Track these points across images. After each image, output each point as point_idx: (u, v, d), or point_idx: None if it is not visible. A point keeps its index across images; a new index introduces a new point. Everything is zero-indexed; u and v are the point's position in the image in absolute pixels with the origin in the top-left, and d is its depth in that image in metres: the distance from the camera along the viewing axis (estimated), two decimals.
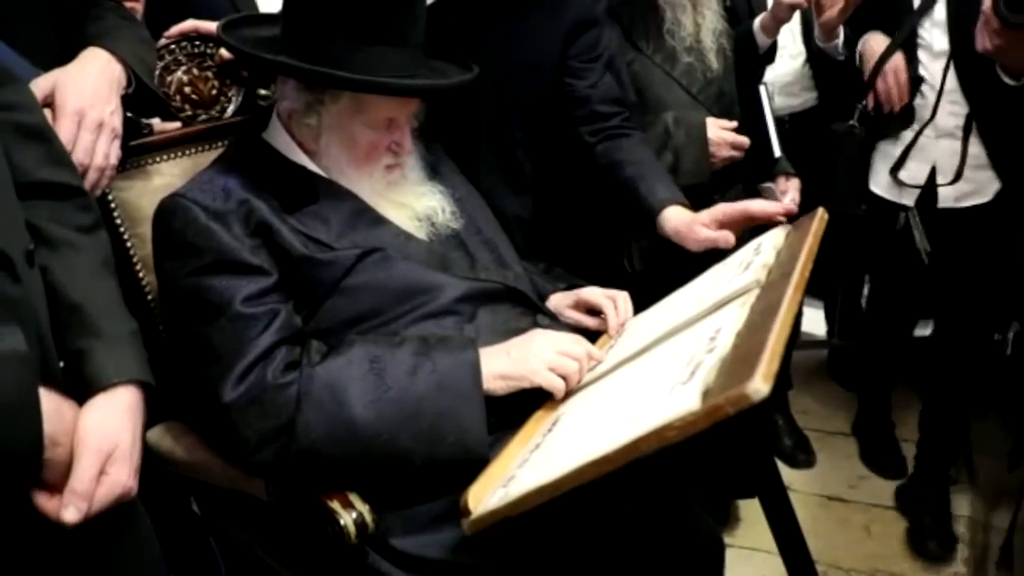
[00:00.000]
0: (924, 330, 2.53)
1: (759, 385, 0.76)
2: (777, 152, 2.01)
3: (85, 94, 1.14)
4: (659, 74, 1.87)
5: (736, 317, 0.99)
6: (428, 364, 1.17)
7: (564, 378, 1.20)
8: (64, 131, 1.09)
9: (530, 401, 1.22)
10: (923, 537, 2.13)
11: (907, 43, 1.92)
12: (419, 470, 1.15)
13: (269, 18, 1.39)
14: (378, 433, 1.13)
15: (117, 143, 1.20)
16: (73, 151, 1.10)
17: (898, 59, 1.92)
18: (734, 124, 1.90)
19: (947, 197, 2.00)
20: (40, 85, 1.11)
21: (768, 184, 2.09)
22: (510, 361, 1.20)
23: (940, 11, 1.87)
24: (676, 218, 1.55)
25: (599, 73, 1.72)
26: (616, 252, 1.94)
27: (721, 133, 1.87)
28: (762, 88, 2.00)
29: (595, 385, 1.19)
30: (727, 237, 1.48)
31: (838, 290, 2.70)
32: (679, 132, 1.84)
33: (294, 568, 1.32)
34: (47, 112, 1.08)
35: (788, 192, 2.10)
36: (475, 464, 1.13)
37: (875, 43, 1.97)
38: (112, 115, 1.17)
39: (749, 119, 1.99)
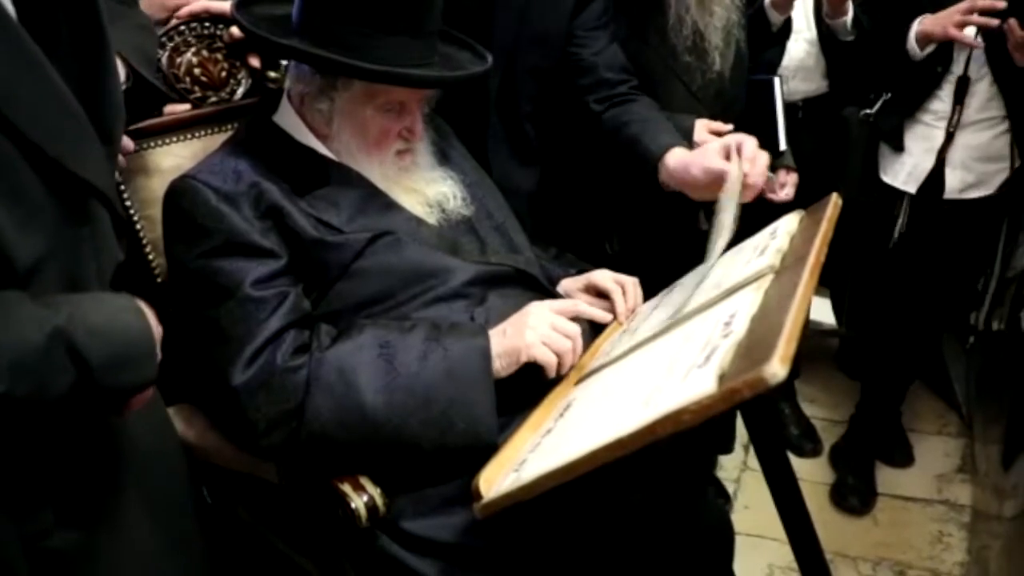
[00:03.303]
0: None
1: (776, 368, 0.75)
2: (783, 145, 1.99)
3: None
4: (661, 68, 1.84)
5: (751, 301, 0.98)
6: (439, 350, 1.17)
7: (557, 355, 1.19)
8: None
9: (540, 384, 1.22)
10: (845, 494, 2.29)
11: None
12: (428, 455, 1.16)
13: None
14: (387, 418, 1.14)
15: None
16: None
17: None
18: (728, 127, 1.82)
19: (952, 188, 2.00)
20: None
21: (768, 174, 2.08)
22: (506, 339, 1.20)
23: None
24: (682, 152, 1.50)
25: (604, 41, 1.69)
26: (599, 233, 1.94)
27: (707, 138, 1.79)
28: (776, 80, 1.98)
29: (608, 369, 1.19)
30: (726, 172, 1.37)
31: (846, 280, 2.69)
32: None
33: (304, 551, 1.33)
34: None
35: (786, 186, 2.09)
36: (485, 450, 1.13)
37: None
38: None
39: (757, 109, 1.96)
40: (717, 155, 1.40)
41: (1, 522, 0.78)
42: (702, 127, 1.82)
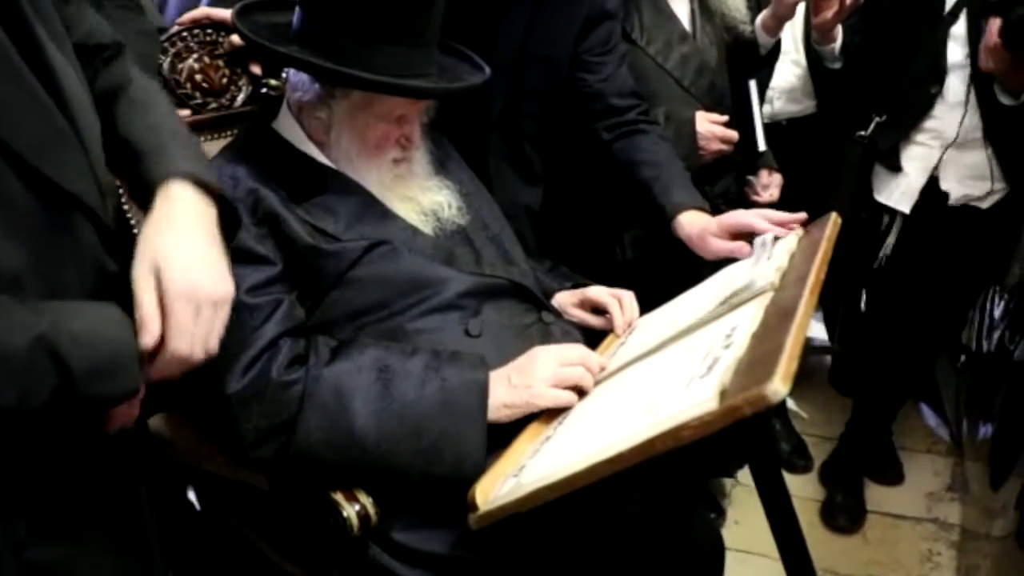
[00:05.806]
0: None
1: (778, 386, 0.75)
2: (762, 146, 2.02)
3: None
4: (651, 66, 1.85)
5: (752, 316, 0.99)
6: (436, 380, 1.16)
7: (574, 386, 1.18)
8: None
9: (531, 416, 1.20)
10: (834, 512, 2.29)
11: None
12: (415, 483, 1.15)
13: (283, 3, 1.38)
14: (376, 444, 1.13)
15: None
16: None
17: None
18: (724, 118, 1.88)
19: (956, 199, 2.01)
20: None
21: (750, 177, 2.10)
22: (513, 390, 1.17)
23: (960, 25, 1.87)
24: (689, 226, 1.54)
25: (613, 66, 1.70)
26: (608, 240, 1.94)
27: (710, 127, 1.85)
28: (751, 82, 2.00)
29: (608, 381, 1.18)
30: (742, 248, 1.44)
31: (839, 297, 2.70)
32: (669, 128, 1.82)
33: (294, 560, 1.32)
34: None
35: (769, 187, 2.11)
36: (469, 482, 1.11)
37: None
38: None
39: (737, 112, 1.98)
40: (722, 240, 1.48)
41: None
42: (703, 119, 1.85)
